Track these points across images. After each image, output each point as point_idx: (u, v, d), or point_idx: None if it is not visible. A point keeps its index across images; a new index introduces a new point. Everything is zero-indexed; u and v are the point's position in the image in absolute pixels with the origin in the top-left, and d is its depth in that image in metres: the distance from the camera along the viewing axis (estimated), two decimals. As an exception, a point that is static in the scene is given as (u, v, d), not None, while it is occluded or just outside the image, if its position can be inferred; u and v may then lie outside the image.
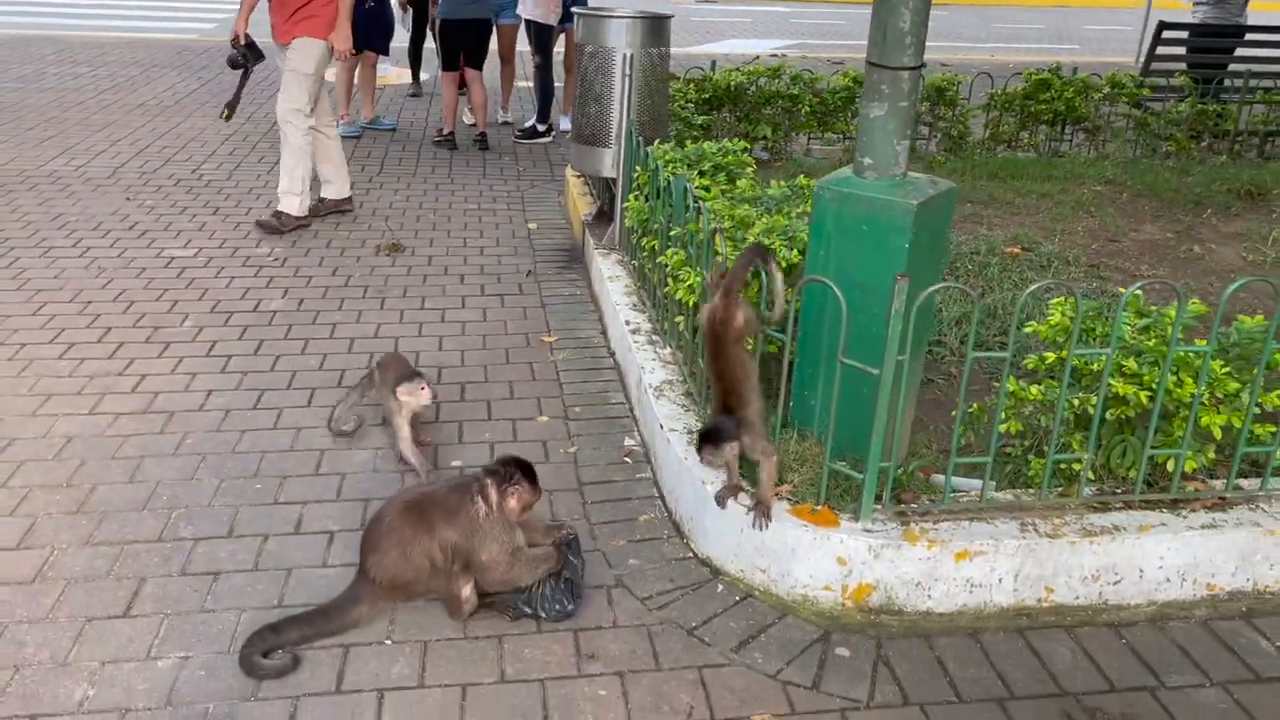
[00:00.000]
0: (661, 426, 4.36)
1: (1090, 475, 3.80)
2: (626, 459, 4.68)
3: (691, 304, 4.51)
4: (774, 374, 4.06)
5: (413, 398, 4.29)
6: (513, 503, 3.46)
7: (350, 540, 3.91)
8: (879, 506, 3.67)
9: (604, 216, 7.18)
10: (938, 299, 5.65)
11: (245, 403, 5.14)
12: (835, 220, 3.77)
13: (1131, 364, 3.71)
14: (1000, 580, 3.64)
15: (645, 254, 5.51)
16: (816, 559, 3.61)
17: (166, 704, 3.20)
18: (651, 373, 4.84)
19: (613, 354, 5.78)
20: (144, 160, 9.42)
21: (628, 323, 5.46)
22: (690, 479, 4.00)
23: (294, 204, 7.71)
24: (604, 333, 6.08)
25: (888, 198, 3.64)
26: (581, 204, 7.69)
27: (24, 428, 4.84)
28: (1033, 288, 3.55)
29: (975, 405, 3.96)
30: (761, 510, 3.64)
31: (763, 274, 3.88)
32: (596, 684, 3.32)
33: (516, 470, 3.47)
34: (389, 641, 3.50)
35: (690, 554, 3.99)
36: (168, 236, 7.62)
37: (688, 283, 4.57)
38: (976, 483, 3.83)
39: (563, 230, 8.13)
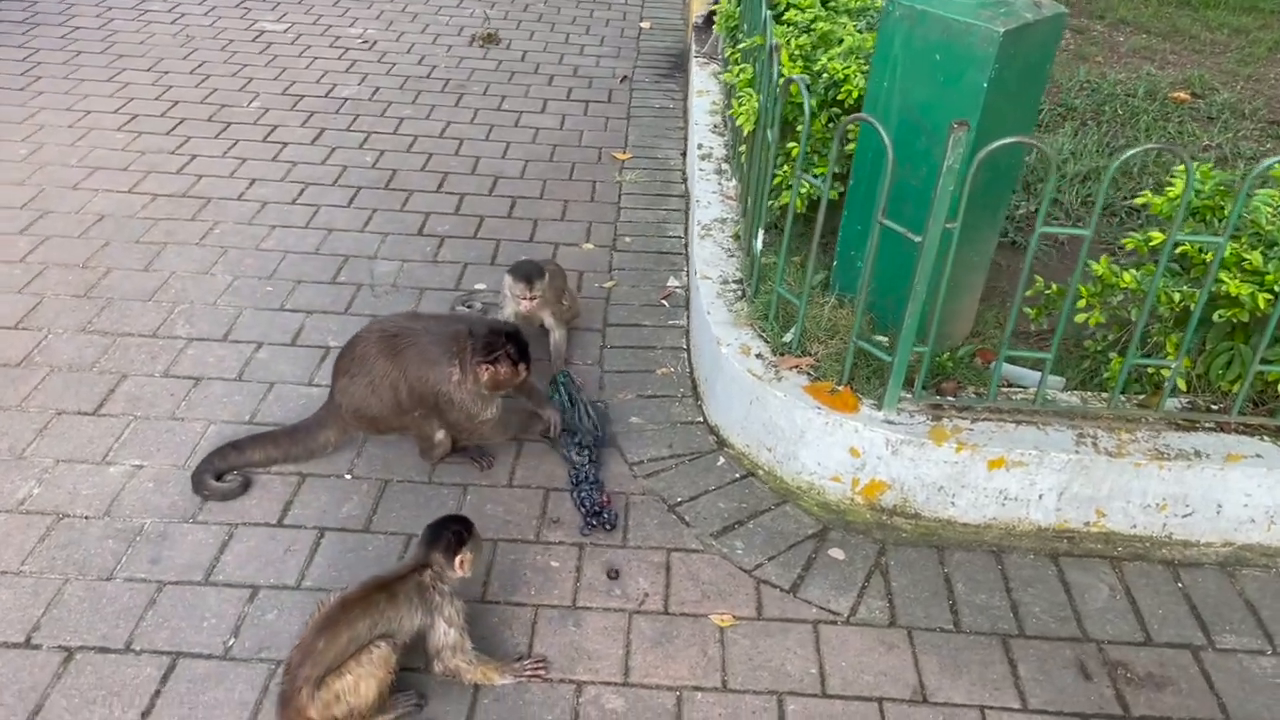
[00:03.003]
0: (696, 271, 3.87)
1: (1181, 385, 3.15)
2: (664, 302, 4.23)
3: (748, 131, 3.91)
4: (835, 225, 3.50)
5: (511, 293, 3.65)
6: (485, 377, 3.08)
7: (339, 360, 3.66)
8: (908, 395, 3.14)
9: (712, 20, 6.44)
10: (1059, 150, 4.84)
11: (285, 196, 4.88)
12: (904, 44, 3.09)
13: (1256, 259, 2.98)
14: (1040, 496, 3.10)
15: (730, 68, 4.86)
16: (826, 446, 3.14)
17: (105, 514, 3.06)
18: (706, 207, 4.31)
19: (685, 180, 5.23)
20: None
21: (699, 146, 4.89)
22: (708, 334, 3.53)
23: None
24: (684, 154, 5.51)
25: (968, 20, 2.93)
26: (698, 2, 6.94)
27: (61, 200, 4.72)
28: (1132, 151, 2.83)
29: (1054, 286, 3.31)
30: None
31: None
32: (551, 553, 3.01)
33: (501, 346, 3.06)
34: (348, 476, 3.26)
35: (700, 419, 3.57)
36: (264, 8, 7.31)
37: (745, 106, 3.96)
38: (1032, 374, 3.23)
39: (676, 33, 7.42)
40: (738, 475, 3.33)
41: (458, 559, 2.50)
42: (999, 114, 3.02)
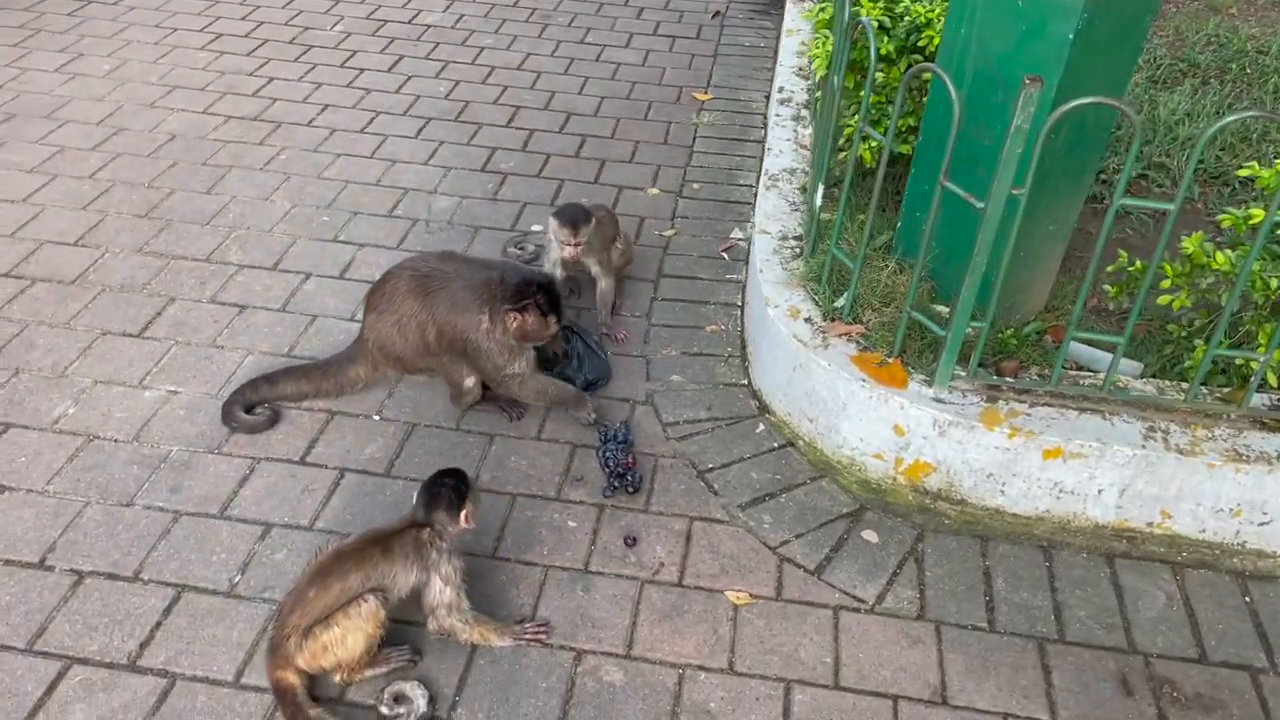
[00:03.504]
0: (756, 224, 3.67)
1: (1271, 381, 2.85)
2: (724, 254, 4.04)
3: (820, 75, 3.66)
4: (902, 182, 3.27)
5: (555, 238, 3.47)
6: (514, 326, 2.96)
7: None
8: (962, 373, 2.92)
9: (812, -44, 6.11)
10: (1173, 109, 4.45)
11: (355, 123, 4.81)
12: (984, -10, 2.82)
13: (1368, 246, 2.66)
14: (1100, 492, 2.86)
15: (814, 5, 4.58)
16: (869, 421, 2.95)
17: (134, 439, 3.07)
18: (777, 155, 4.08)
19: (765, 126, 4.99)
20: None
21: (780, 89, 4.64)
22: (758, 293, 3.35)
23: None
24: (768, 98, 5.25)
25: (1056, -35, 2.64)
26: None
27: (136, 118, 4.74)
28: (1229, 119, 2.52)
29: (1138, 263, 3.02)
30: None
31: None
32: (569, 513, 2.91)
33: (531, 295, 2.93)
34: (377, 417, 3.20)
35: (744, 381, 3.41)
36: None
37: (820, 49, 3.71)
38: (1107, 357, 2.97)
39: (778, -33, 7.08)
40: (775, 444, 3.16)
41: (462, 514, 2.41)
42: (1086, 69, 2.73)
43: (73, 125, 4.66)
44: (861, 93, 3.41)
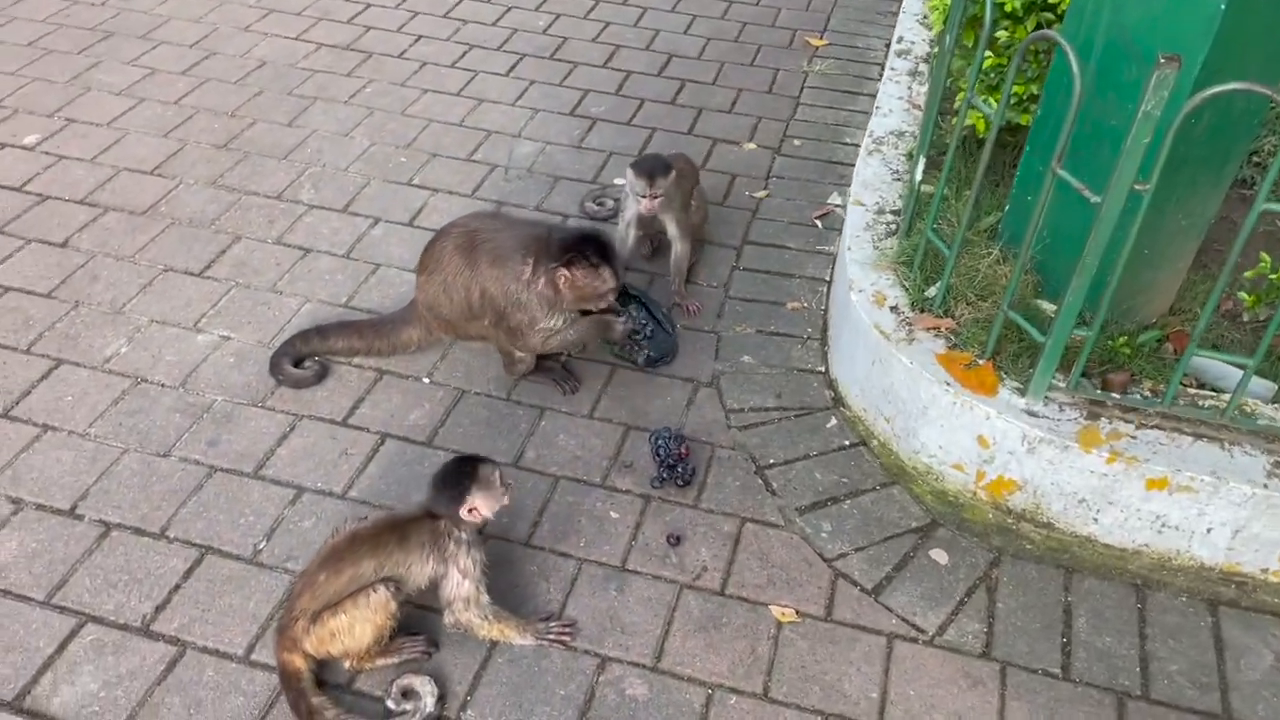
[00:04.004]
0: (852, 193, 3.36)
1: None
2: (817, 222, 3.74)
3: (937, 30, 3.30)
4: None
5: (632, 190, 3.23)
6: (564, 286, 2.74)
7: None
8: (1061, 383, 2.60)
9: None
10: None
11: (445, 57, 4.63)
12: (1125, -52, 2.43)
13: None
14: (1209, 530, 2.52)
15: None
16: (950, 429, 2.66)
17: (181, 384, 2.99)
18: (885, 115, 3.74)
19: (881, 78, 4.60)
20: None
21: (900, 39, 4.26)
22: (843, 273, 3.06)
23: None
24: (889, 46, 4.85)
25: (1213, -78, 2.24)
26: None
27: (230, 42, 4.66)
28: None
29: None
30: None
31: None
32: (613, 502, 2.71)
33: (581, 253, 2.71)
34: (427, 380, 3.05)
35: (821, 368, 3.14)
36: None
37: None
38: (1237, 373, 2.60)
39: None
40: (846, 443, 2.89)
41: (463, 509, 2.23)
42: (1238, 44, 2.33)
43: (166, 47, 4.60)
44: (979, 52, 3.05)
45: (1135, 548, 2.61)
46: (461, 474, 2.24)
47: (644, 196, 3.14)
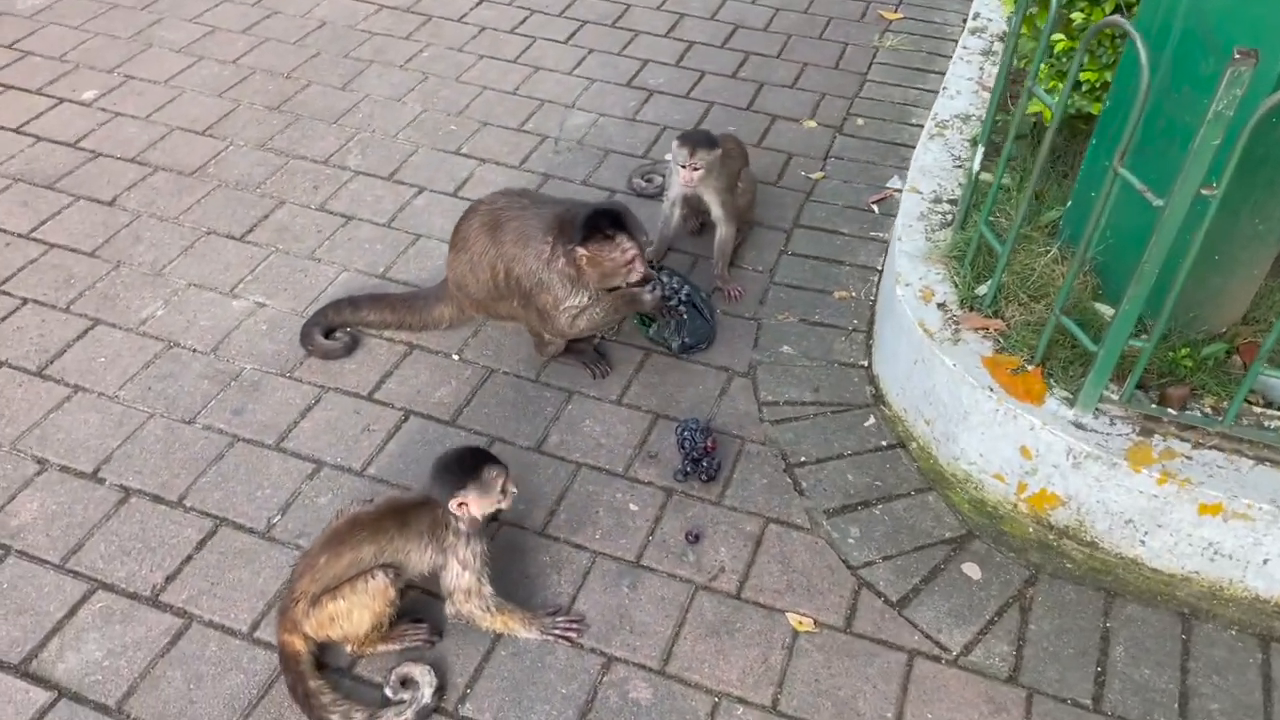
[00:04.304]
0: (909, 179, 3.20)
1: None
2: (873, 207, 3.58)
3: (1008, 9, 3.11)
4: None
5: (675, 162, 3.08)
6: (585, 264, 2.64)
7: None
8: (1114, 395, 2.43)
9: None
10: None
11: (505, 22, 4.54)
12: (1210, -73, 2.22)
13: None
14: (1265, 561, 2.35)
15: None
16: (992, 437, 2.52)
17: (212, 350, 2.98)
18: (952, 97, 3.55)
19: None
20: None
21: (975, 15, 4.05)
22: (891, 267, 2.91)
23: None
24: (965, 21, 4.62)
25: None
26: None
27: (290, 2, 4.62)
28: None
29: (1368, 286, 2.42)
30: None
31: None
32: (634, 494, 2.63)
33: (595, 227, 2.61)
34: (455, 357, 3.00)
35: (864, 363, 3.00)
36: None
37: (1011, -18, 3.13)
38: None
39: None
40: (884, 443, 2.76)
41: (453, 503, 2.16)
42: (1330, 40, 2.12)
43: (229, 4, 4.60)
44: (1052, 36, 2.86)
45: (1185, 574, 2.44)
46: (462, 466, 2.17)
47: (684, 166, 3.02)
